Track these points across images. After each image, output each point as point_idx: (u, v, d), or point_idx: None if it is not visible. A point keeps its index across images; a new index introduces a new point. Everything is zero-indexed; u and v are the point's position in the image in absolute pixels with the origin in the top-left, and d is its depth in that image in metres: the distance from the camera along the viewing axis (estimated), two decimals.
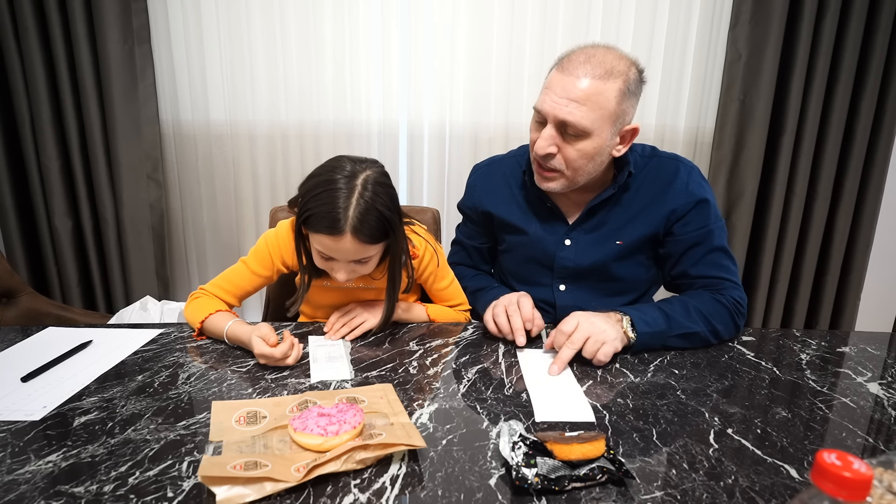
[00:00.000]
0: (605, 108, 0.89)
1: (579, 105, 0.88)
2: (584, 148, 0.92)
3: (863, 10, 1.73)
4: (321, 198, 0.83)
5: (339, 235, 0.82)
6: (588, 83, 0.88)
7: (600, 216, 1.04)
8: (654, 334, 0.89)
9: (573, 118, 0.89)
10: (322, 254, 0.89)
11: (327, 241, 0.84)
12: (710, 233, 1.00)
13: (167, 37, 1.76)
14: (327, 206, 0.82)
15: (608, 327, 0.85)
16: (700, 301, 0.95)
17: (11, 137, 1.75)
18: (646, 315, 0.90)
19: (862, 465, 0.32)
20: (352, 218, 0.82)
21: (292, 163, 1.88)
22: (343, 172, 0.85)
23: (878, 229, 1.99)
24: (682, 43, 1.83)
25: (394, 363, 0.85)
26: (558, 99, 0.89)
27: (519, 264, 1.14)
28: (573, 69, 0.89)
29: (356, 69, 1.81)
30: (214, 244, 1.98)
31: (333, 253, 0.87)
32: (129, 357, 0.84)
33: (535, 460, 0.54)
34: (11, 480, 0.54)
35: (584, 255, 1.06)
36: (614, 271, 1.06)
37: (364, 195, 0.83)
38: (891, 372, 0.85)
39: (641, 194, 1.02)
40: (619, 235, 1.04)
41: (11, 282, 1.46)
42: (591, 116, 0.89)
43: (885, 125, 1.85)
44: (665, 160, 1.04)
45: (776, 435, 0.66)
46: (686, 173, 1.02)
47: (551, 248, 1.07)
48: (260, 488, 0.51)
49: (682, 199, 1.00)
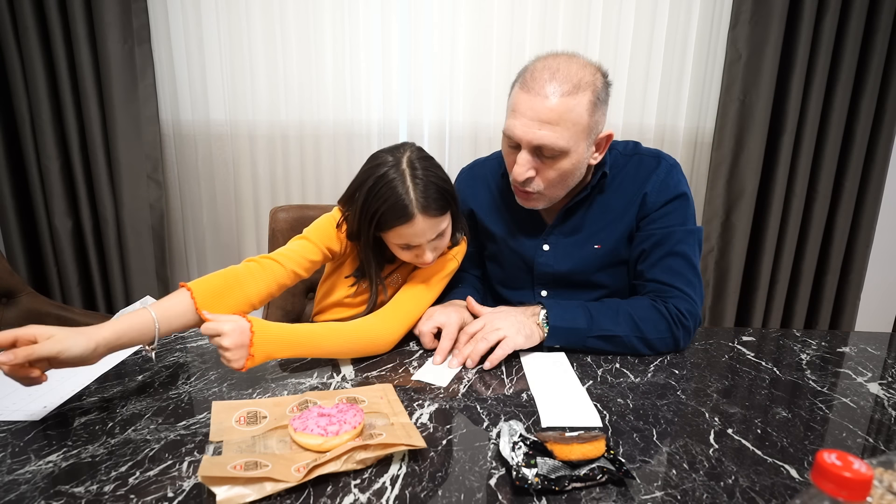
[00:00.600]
0: (579, 124, 0.85)
1: (552, 126, 0.84)
2: (562, 167, 0.89)
3: (863, 10, 1.73)
4: (381, 195, 0.84)
5: (411, 221, 0.85)
6: (557, 101, 0.83)
7: (576, 219, 1.02)
8: (570, 331, 0.88)
9: (548, 141, 0.85)
10: (403, 245, 0.90)
11: (405, 231, 0.86)
12: (672, 234, 0.95)
13: (167, 37, 1.76)
14: (391, 199, 0.84)
15: (508, 324, 0.85)
16: (635, 306, 0.92)
17: (11, 137, 1.75)
18: (566, 310, 0.89)
19: (862, 465, 0.32)
20: (416, 200, 0.84)
21: (292, 163, 1.88)
22: (388, 164, 0.86)
23: (878, 229, 1.99)
24: (682, 43, 1.83)
25: (394, 363, 0.85)
26: (529, 122, 0.85)
27: (502, 270, 1.13)
28: (539, 88, 0.84)
29: (356, 69, 1.81)
30: (214, 244, 1.98)
31: (413, 239, 0.88)
32: (129, 357, 0.84)
33: (535, 460, 0.54)
34: (12, 480, 0.54)
35: (563, 261, 1.04)
36: (595, 279, 1.04)
37: (416, 174, 0.85)
38: (891, 372, 0.85)
39: (619, 194, 0.99)
40: (596, 239, 1.01)
41: (11, 282, 1.46)
42: (566, 136, 0.85)
43: (885, 125, 1.85)
44: (646, 157, 1.00)
45: (776, 435, 0.66)
46: (665, 169, 0.97)
47: (530, 252, 1.06)
48: (260, 488, 0.51)
49: (655, 192, 0.96)
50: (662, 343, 0.90)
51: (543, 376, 0.81)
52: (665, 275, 0.95)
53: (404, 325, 0.92)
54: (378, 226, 0.87)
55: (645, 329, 0.89)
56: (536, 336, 0.88)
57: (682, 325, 0.90)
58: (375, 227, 0.87)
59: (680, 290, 0.93)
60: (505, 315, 0.89)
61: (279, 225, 1.32)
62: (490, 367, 0.83)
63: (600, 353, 0.90)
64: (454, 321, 0.89)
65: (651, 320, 0.90)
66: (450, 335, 0.88)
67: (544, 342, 0.89)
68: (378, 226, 0.87)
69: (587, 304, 0.92)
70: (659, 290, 0.95)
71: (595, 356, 0.89)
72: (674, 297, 0.93)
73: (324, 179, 1.89)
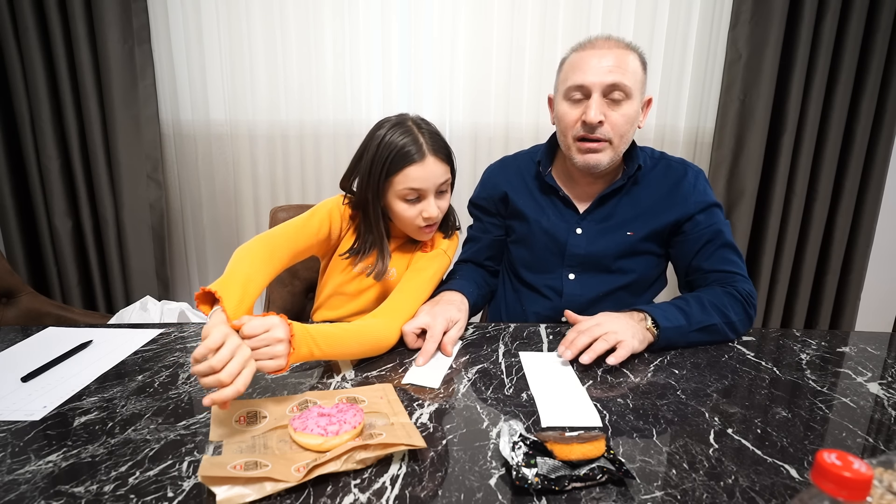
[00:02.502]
0: (636, 73, 0.97)
1: (620, 69, 0.95)
2: (627, 112, 0.98)
3: (863, 10, 1.73)
4: (392, 142, 0.92)
5: (423, 160, 0.93)
6: (618, 52, 0.96)
7: (610, 206, 1.08)
8: (676, 329, 0.90)
9: (621, 79, 0.95)
10: (410, 195, 0.95)
11: (416, 171, 0.93)
12: (721, 231, 1.04)
13: (167, 37, 1.77)
14: (401, 142, 0.92)
15: (623, 327, 0.85)
16: (713, 295, 0.97)
17: (11, 137, 1.75)
18: (665, 311, 0.91)
19: (862, 465, 0.32)
20: (426, 143, 0.93)
21: (292, 163, 1.88)
22: (391, 121, 0.96)
23: (878, 229, 1.99)
24: (682, 43, 1.83)
25: (394, 363, 0.85)
26: (598, 67, 0.95)
27: (530, 253, 1.15)
28: (599, 45, 0.97)
29: (356, 69, 1.81)
30: (214, 244, 1.98)
31: (423, 182, 0.94)
32: (129, 357, 0.84)
33: (535, 460, 0.54)
34: (12, 480, 0.54)
35: (595, 244, 1.08)
36: (623, 264, 1.09)
37: (421, 125, 0.96)
38: (891, 372, 0.85)
39: (650, 190, 1.07)
40: (629, 227, 1.07)
41: (11, 282, 1.46)
42: (631, 78, 0.96)
43: (885, 125, 1.85)
44: (673, 163, 1.10)
45: (776, 435, 0.65)
46: (694, 177, 1.07)
47: (562, 236, 1.10)
48: (260, 488, 0.51)
49: (693, 201, 1.05)
50: (742, 324, 0.96)
51: (543, 376, 0.81)
52: (724, 264, 1.03)
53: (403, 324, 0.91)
54: (389, 170, 0.93)
55: (730, 313, 0.94)
56: (647, 340, 0.89)
57: (752, 304, 0.98)
58: (386, 173, 0.93)
59: (740, 275, 1.02)
60: (616, 319, 0.87)
61: None
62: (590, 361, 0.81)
63: (698, 345, 0.93)
64: (439, 324, 0.89)
65: (731, 305, 0.96)
66: (434, 337, 0.87)
67: (655, 344, 0.89)
68: (389, 170, 0.93)
69: (674, 302, 0.96)
70: (722, 279, 1.02)
71: None
72: (738, 281, 1.01)
73: (324, 179, 1.89)
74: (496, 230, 1.20)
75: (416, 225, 0.99)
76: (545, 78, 1.82)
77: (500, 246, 1.21)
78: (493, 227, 1.20)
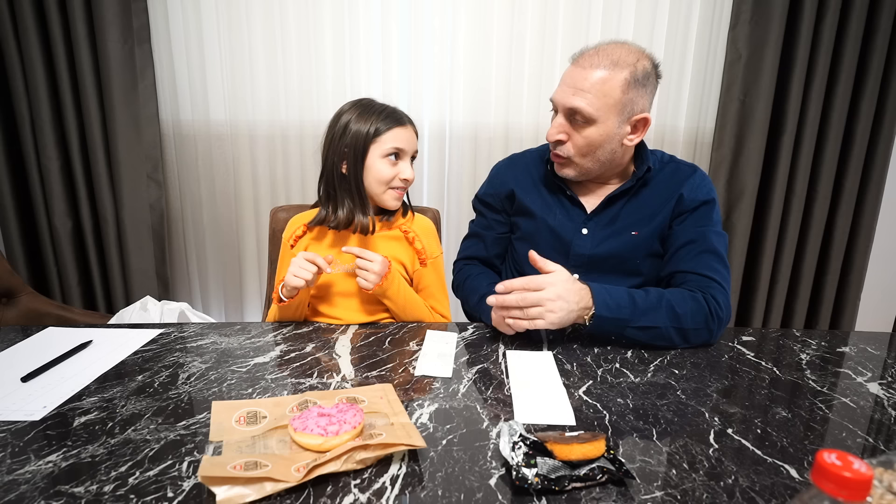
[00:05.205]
0: (610, 97, 0.95)
1: (585, 93, 0.95)
2: (590, 135, 0.98)
3: (863, 10, 1.73)
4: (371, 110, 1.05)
5: (405, 125, 1.07)
6: (595, 73, 0.95)
7: (616, 207, 1.08)
8: (613, 321, 0.89)
9: (578, 105, 0.95)
10: (391, 154, 1.05)
11: (402, 133, 1.06)
12: (706, 235, 1.02)
13: (167, 37, 1.76)
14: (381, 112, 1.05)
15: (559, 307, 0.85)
16: (677, 297, 0.93)
17: (11, 137, 1.75)
18: (613, 299, 0.90)
19: (862, 465, 0.32)
20: (402, 114, 1.08)
21: (292, 163, 1.88)
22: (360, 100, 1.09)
23: (878, 229, 1.99)
24: (682, 43, 1.83)
25: (394, 363, 0.85)
26: (567, 89, 0.98)
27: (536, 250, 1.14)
28: (584, 62, 0.97)
29: (356, 69, 1.81)
30: (214, 244, 1.98)
31: (405, 143, 1.06)
32: (129, 357, 0.84)
33: (535, 460, 0.54)
34: (11, 480, 0.54)
35: (600, 245, 1.08)
36: (629, 264, 1.08)
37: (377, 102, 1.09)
38: (891, 372, 0.85)
39: (657, 193, 1.07)
40: (634, 228, 1.07)
41: (11, 282, 1.46)
42: (597, 104, 0.95)
43: (885, 125, 1.85)
44: (682, 165, 1.10)
45: (776, 435, 0.66)
46: (700, 177, 1.07)
47: (568, 235, 1.10)
48: (260, 488, 0.51)
49: (691, 193, 1.04)
50: (696, 335, 0.92)
51: (525, 374, 0.81)
52: (702, 268, 1.00)
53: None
54: (379, 130, 1.03)
55: (684, 321, 0.91)
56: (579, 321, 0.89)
57: (717, 315, 0.93)
58: (375, 132, 1.03)
59: (717, 282, 0.98)
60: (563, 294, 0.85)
61: (279, 225, 1.32)
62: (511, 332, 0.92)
63: (636, 344, 0.92)
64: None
65: (690, 312, 0.92)
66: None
67: (584, 329, 0.91)
68: (379, 130, 1.03)
69: (631, 292, 0.93)
70: (697, 281, 0.99)
71: (595, 356, 0.89)
72: (711, 288, 0.97)
73: None
74: (500, 227, 1.20)
75: (391, 187, 1.08)
76: (545, 78, 1.82)
77: (505, 243, 1.22)
78: (497, 224, 1.20)
